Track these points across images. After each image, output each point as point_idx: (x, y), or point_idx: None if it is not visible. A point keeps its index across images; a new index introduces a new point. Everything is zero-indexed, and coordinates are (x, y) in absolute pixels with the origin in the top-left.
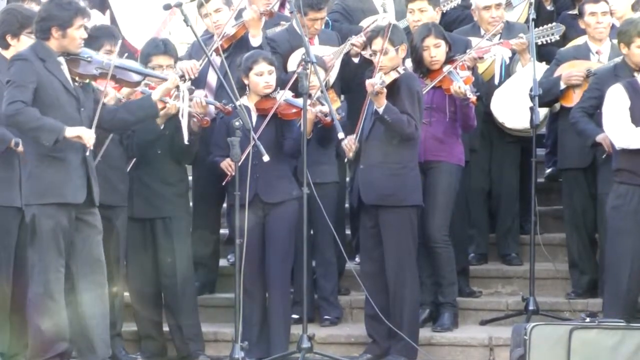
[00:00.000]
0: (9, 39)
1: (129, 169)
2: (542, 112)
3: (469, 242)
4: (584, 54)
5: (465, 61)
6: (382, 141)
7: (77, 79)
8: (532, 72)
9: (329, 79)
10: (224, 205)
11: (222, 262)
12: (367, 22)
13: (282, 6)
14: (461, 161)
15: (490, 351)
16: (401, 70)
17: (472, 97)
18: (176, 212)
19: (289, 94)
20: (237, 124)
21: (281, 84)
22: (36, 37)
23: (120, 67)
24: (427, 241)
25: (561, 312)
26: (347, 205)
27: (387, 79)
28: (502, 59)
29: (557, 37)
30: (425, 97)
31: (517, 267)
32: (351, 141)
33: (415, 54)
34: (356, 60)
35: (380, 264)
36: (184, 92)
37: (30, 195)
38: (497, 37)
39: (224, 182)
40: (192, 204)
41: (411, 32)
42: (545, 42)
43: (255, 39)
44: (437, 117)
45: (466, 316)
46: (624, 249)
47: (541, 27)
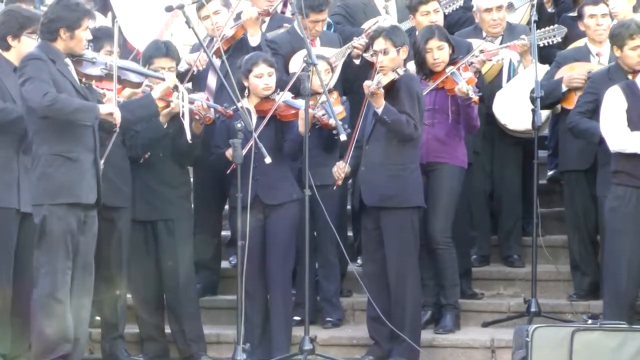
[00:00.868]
0: (10, 40)
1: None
2: (544, 114)
3: (471, 244)
4: (584, 56)
5: (474, 64)
6: (384, 142)
7: (84, 80)
8: (534, 74)
9: (331, 81)
10: (226, 207)
11: (224, 264)
12: (369, 24)
13: (284, 7)
14: (464, 163)
15: (492, 353)
16: (400, 71)
17: (475, 97)
18: (178, 214)
19: (288, 95)
20: (238, 125)
21: (283, 85)
22: (42, 38)
23: (122, 67)
24: (429, 243)
25: (563, 313)
26: (349, 207)
27: (384, 80)
28: (510, 62)
29: (559, 39)
30: (427, 99)
31: (519, 269)
32: (341, 168)
33: (418, 56)
34: (357, 62)
35: (382, 266)
36: (183, 92)
37: (41, 195)
38: (499, 39)
39: (228, 170)
40: (193, 206)
41: (414, 34)
42: (546, 44)
43: (253, 39)
44: (439, 118)
45: (468, 318)
46: (622, 250)
47: (543, 29)
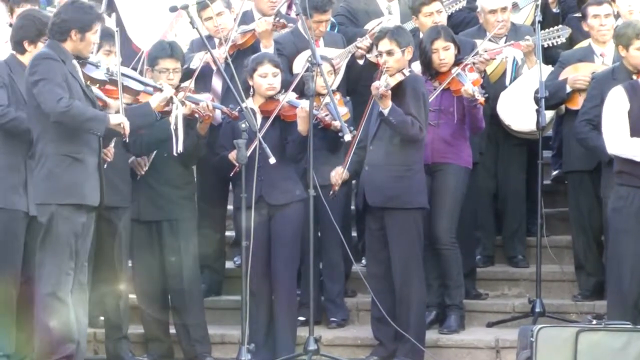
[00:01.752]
0: (26, 44)
1: (145, 170)
2: (549, 114)
3: (476, 244)
4: (588, 56)
5: (476, 64)
6: (388, 143)
7: (89, 83)
8: (538, 74)
9: (334, 82)
10: (230, 207)
11: (228, 265)
12: (372, 25)
13: (288, 8)
14: (469, 163)
15: (496, 353)
16: (407, 72)
17: (480, 99)
18: (182, 214)
19: (292, 96)
20: (243, 126)
21: (287, 86)
22: (52, 38)
23: (124, 74)
24: (434, 243)
25: (568, 314)
26: (353, 207)
27: (391, 82)
28: (513, 59)
29: (563, 40)
30: (433, 100)
31: (524, 269)
32: (339, 173)
33: (424, 56)
34: (361, 62)
35: (386, 266)
36: (176, 104)
37: (48, 194)
38: (503, 39)
39: (232, 173)
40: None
41: (417, 35)
42: (551, 45)
43: (267, 50)
44: (445, 119)
45: (473, 318)
46: (626, 250)
47: (547, 30)
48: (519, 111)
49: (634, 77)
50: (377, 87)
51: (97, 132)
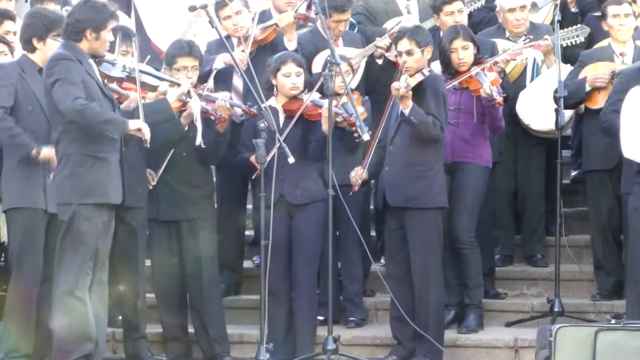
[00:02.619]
0: (35, 42)
1: (160, 171)
2: (568, 113)
3: (495, 244)
4: (607, 56)
5: (498, 64)
6: (408, 143)
7: (106, 81)
8: (557, 73)
9: (353, 82)
10: (249, 206)
11: (247, 264)
12: (391, 24)
13: (308, 8)
14: (488, 163)
15: (515, 353)
16: (426, 72)
17: (499, 98)
18: (201, 213)
19: (316, 95)
20: (261, 125)
21: (307, 85)
22: (67, 38)
23: (141, 71)
24: (454, 243)
25: (586, 313)
26: (372, 207)
27: (412, 82)
28: (534, 60)
29: (582, 39)
30: (452, 99)
31: (543, 269)
32: (358, 174)
33: (443, 55)
34: (380, 62)
35: (405, 266)
36: (194, 97)
37: (70, 194)
38: (522, 39)
39: (254, 176)
40: (216, 206)
41: (437, 34)
42: (570, 44)
43: (291, 43)
44: (464, 118)
45: (491, 318)
46: None
47: (566, 29)
48: (538, 110)
49: None
50: (398, 88)
51: (114, 135)
